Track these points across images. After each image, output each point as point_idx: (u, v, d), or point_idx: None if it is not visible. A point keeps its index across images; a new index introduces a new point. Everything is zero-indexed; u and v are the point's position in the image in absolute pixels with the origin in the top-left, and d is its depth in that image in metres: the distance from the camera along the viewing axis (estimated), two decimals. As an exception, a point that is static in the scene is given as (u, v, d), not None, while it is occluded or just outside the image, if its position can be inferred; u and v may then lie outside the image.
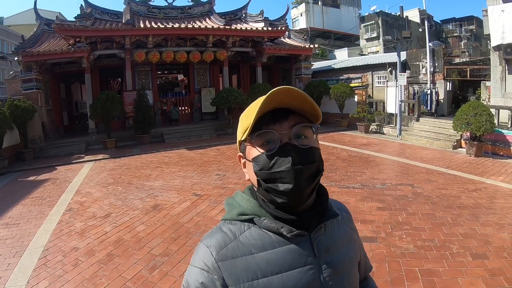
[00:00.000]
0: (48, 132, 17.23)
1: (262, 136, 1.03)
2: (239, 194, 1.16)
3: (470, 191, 8.15)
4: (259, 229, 1.05)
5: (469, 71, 18.07)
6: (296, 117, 1.05)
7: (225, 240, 1.04)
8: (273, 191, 1.01)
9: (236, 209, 1.11)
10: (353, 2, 52.77)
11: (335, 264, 1.07)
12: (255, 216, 1.06)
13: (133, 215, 7.12)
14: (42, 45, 17.76)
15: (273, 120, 1.03)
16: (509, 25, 13.18)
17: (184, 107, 22.78)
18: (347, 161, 11.64)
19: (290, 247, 1.02)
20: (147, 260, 5.08)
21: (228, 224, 1.09)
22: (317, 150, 1.07)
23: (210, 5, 22.49)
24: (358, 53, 37.66)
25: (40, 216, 7.46)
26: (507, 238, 5.52)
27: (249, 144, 1.07)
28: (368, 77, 20.41)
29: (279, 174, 0.99)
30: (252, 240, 1.03)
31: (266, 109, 1.01)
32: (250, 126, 1.01)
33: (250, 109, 1.07)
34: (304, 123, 1.05)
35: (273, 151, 1.01)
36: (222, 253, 1.01)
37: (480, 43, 37.45)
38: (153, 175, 10.73)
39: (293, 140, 1.03)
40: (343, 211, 1.25)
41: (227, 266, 1.00)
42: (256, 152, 1.04)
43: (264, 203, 1.08)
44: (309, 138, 1.06)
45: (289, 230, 1.00)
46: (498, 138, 12.61)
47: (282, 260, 1.00)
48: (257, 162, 1.03)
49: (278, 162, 1.00)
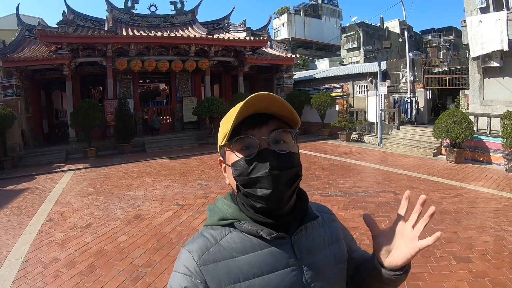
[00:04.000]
0: (27, 140, 16.93)
1: (241, 141, 1.04)
2: (220, 200, 1.17)
3: (452, 196, 8.35)
4: (240, 233, 1.06)
5: (448, 80, 18.53)
6: (275, 122, 1.06)
7: (207, 244, 1.05)
8: (252, 196, 1.03)
9: (217, 214, 1.12)
10: (334, 13, 53.37)
11: (317, 265, 1.08)
12: (236, 220, 1.07)
13: (115, 226, 7.05)
14: (23, 51, 17.51)
15: (252, 125, 1.04)
16: (488, 36, 13.53)
17: (166, 116, 22.66)
18: (329, 169, 11.76)
19: (271, 249, 1.03)
20: (129, 271, 5.04)
21: (209, 230, 1.10)
22: (296, 155, 1.08)
23: (193, 14, 22.60)
24: (339, 63, 38.02)
25: (19, 226, 7.33)
26: (489, 241, 5.69)
27: (229, 149, 1.08)
28: (349, 87, 20.68)
29: (257, 179, 1.01)
30: (233, 244, 1.04)
31: (245, 115, 1.03)
32: (229, 131, 1.03)
33: (230, 114, 1.07)
34: (283, 129, 1.06)
35: (251, 157, 1.03)
36: (203, 258, 1.02)
37: (459, 53, 38.30)
38: (134, 184, 10.65)
39: (271, 145, 1.04)
40: (324, 212, 1.27)
41: (209, 270, 1.00)
42: (235, 157, 1.06)
43: (244, 207, 1.09)
44: (288, 143, 1.07)
45: (268, 232, 1.02)
46: (477, 144, 12.96)
47: (263, 263, 1.01)
48: (236, 167, 1.05)
49: (257, 168, 1.01)
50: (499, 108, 13.45)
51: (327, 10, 52.70)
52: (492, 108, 14.00)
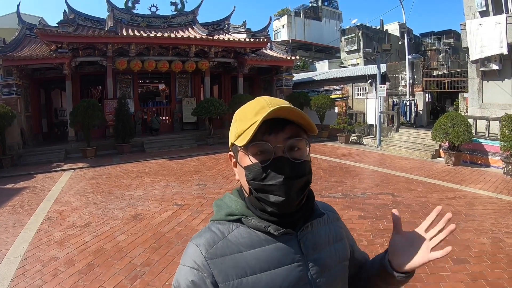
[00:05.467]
0: (26, 139, 16.97)
1: (256, 146, 1.03)
2: (227, 196, 1.18)
3: (450, 199, 8.40)
4: (247, 228, 1.07)
5: (447, 83, 18.66)
6: (291, 128, 1.05)
7: (214, 239, 1.05)
8: (264, 201, 1.04)
9: (224, 210, 1.13)
10: (334, 15, 53.45)
11: (323, 261, 1.10)
12: (243, 216, 1.08)
13: (114, 225, 7.06)
14: (24, 49, 17.53)
15: (268, 131, 1.03)
16: (487, 39, 13.59)
17: (165, 116, 22.72)
18: (327, 171, 11.78)
19: (277, 245, 1.05)
20: (128, 270, 5.05)
21: (216, 224, 1.11)
22: (308, 163, 1.09)
23: (193, 15, 22.64)
24: (338, 65, 38.13)
25: (18, 225, 7.34)
26: (487, 243, 5.73)
27: (243, 151, 1.06)
28: (348, 89, 20.72)
29: (271, 187, 1.01)
30: (240, 239, 1.05)
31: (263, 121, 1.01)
32: (249, 138, 1.00)
33: (245, 112, 1.07)
34: (299, 137, 1.06)
35: (266, 164, 1.02)
36: (211, 252, 1.03)
37: (458, 56, 38.37)
38: (133, 184, 10.66)
39: (286, 153, 1.03)
40: (329, 211, 1.28)
41: (216, 264, 1.01)
42: (249, 161, 1.04)
43: (251, 206, 1.10)
44: (302, 150, 1.07)
45: (276, 228, 1.03)
46: (476, 147, 13.02)
47: (270, 258, 1.03)
48: (250, 171, 1.04)
49: (271, 175, 1.01)
50: (498, 111, 13.50)
51: (327, 12, 52.78)
52: (491, 111, 14.05)
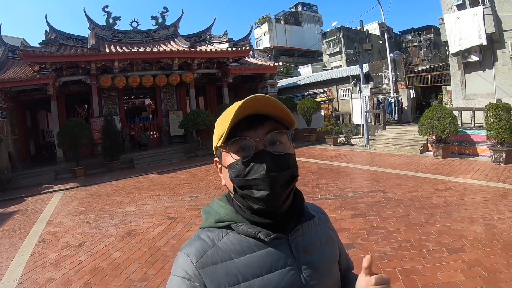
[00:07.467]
0: (15, 162, 16.79)
1: (237, 143, 1.04)
2: (216, 202, 1.17)
3: (441, 190, 8.50)
4: (237, 234, 1.06)
5: (430, 77, 18.90)
6: (271, 123, 1.06)
7: (204, 247, 1.05)
8: (249, 197, 1.03)
9: (213, 216, 1.12)
10: (314, 19, 53.75)
11: (315, 264, 1.09)
12: (232, 222, 1.07)
13: (108, 242, 7.01)
14: (7, 72, 17.46)
15: (247, 127, 1.04)
16: (466, 32, 13.86)
17: (153, 131, 22.65)
18: (318, 174, 11.83)
19: (268, 250, 1.04)
20: (125, 286, 5.01)
21: (206, 232, 1.10)
22: (292, 156, 1.08)
23: (174, 28, 22.71)
24: (322, 68, 38.32)
25: (12, 248, 7.24)
26: (481, 230, 5.80)
27: (225, 150, 1.08)
28: (333, 91, 20.92)
29: (254, 181, 1.01)
30: (231, 246, 1.04)
31: (241, 116, 1.02)
32: (225, 134, 1.02)
33: (225, 115, 1.07)
34: (279, 130, 1.06)
35: (247, 158, 1.02)
36: (202, 260, 1.02)
37: (439, 50, 38.76)
38: (125, 201, 10.60)
39: (268, 146, 1.03)
40: (319, 212, 1.28)
41: (208, 273, 1.00)
42: (231, 159, 1.05)
43: (240, 209, 1.09)
44: (284, 144, 1.07)
45: (266, 234, 1.02)
46: (463, 138, 13.24)
47: (262, 263, 1.02)
48: (233, 169, 1.04)
49: (253, 170, 1.01)
50: (482, 101, 13.74)
51: (307, 17, 53.06)
52: (475, 102, 14.28)
